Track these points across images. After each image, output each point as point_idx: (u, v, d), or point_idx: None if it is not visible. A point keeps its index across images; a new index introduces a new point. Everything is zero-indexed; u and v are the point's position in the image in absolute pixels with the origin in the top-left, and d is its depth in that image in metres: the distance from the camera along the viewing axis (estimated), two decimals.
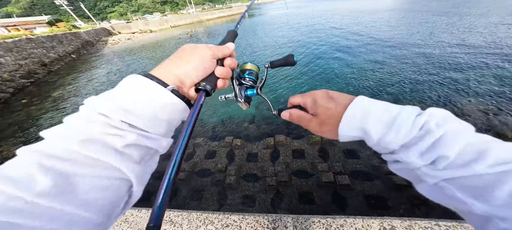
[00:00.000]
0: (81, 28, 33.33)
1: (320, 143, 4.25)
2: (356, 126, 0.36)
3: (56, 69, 15.91)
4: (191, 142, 4.86)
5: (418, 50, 9.15)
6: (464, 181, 0.27)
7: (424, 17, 16.41)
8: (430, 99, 5.53)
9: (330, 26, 17.97)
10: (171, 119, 0.38)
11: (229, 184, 3.61)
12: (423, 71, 7.17)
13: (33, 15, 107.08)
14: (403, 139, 0.32)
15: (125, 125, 0.31)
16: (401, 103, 3.15)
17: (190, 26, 44.96)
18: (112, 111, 0.30)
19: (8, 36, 15.09)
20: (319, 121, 0.42)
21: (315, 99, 0.44)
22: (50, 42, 18.59)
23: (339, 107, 0.39)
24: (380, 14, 20.94)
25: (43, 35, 18.86)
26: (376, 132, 0.34)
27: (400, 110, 0.34)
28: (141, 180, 0.34)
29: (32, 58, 14.59)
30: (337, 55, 9.96)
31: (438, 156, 0.29)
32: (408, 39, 11.00)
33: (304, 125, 0.46)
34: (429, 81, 6.44)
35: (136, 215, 1.61)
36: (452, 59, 7.81)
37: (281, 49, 13.03)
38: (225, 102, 6.91)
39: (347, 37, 13.15)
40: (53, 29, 25.75)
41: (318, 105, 0.43)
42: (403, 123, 0.32)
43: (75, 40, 23.75)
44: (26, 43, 15.25)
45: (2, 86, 10.21)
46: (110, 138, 0.30)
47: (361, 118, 0.36)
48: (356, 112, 0.37)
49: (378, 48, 10.14)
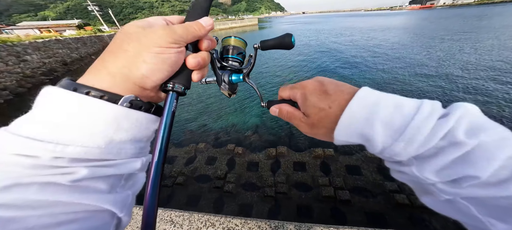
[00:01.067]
0: (105, 32, 35.73)
1: (323, 157, 4.17)
2: (356, 132, 0.28)
3: (75, 68, 16.92)
4: (193, 146, 4.89)
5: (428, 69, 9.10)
6: (490, 201, 0.22)
7: (431, 38, 16.50)
8: None
9: (338, 45, 18.32)
10: (136, 137, 0.29)
11: (227, 191, 3.55)
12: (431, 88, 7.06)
13: (66, 19, 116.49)
14: (416, 151, 0.25)
15: (64, 161, 0.23)
16: None
17: None
18: (39, 149, 0.22)
19: (39, 37, 16.44)
20: (311, 123, 0.34)
21: (305, 95, 0.35)
22: (75, 44, 19.98)
23: (334, 107, 0.31)
24: (391, 32, 21.25)
25: (70, 37, 20.36)
26: (382, 140, 0.27)
27: (416, 110, 0.25)
28: (122, 206, 0.28)
29: (56, 57, 15.68)
30: (347, 67, 10.05)
31: (464, 176, 0.22)
32: (416, 57, 11.01)
33: (294, 124, 0.38)
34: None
35: (137, 213, 1.62)
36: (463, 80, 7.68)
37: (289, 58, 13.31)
38: (229, 108, 7.01)
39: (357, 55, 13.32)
40: (80, 32, 27.79)
41: (309, 103, 0.34)
42: (419, 130, 0.24)
43: (98, 43, 25.39)
44: (54, 43, 16.50)
45: (22, 81, 10.94)
46: (50, 178, 0.22)
47: (363, 122, 0.28)
48: (358, 113, 0.28)
49: (389, 64, 10.16)
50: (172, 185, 3.80)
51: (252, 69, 0.47)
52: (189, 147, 4.91)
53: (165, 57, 0.29)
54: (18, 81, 10.77)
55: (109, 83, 0.27)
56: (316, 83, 0.35)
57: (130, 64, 0.28)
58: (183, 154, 4.68)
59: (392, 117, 0.26)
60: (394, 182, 3.55)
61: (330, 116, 0.31)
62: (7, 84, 9.99)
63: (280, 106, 0.40)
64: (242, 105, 7.34)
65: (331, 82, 0.35)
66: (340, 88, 0.33)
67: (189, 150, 4.77)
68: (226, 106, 7.39)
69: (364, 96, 0.29)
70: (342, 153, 4.33)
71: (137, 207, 1.68)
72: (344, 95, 0.31)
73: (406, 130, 0.25)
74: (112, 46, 0.29)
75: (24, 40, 14.08)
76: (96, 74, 0.27)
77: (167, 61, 0.30)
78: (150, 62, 0.28)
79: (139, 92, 0.29)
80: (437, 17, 45.01)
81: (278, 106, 0.41)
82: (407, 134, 0.25)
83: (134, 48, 0.28)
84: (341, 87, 0.33)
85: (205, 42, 0.35)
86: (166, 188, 3.76)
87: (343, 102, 0.30)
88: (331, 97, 0.32)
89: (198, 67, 0.34)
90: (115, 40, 0.29)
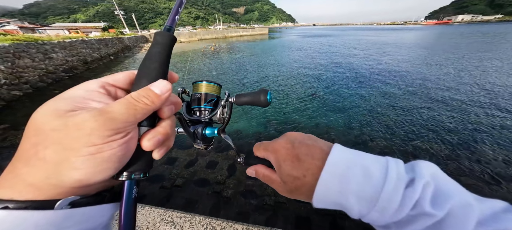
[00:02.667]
0: (126, 34, 38.14)
1: None
2: (333, 202, 0.29)
3: (94, 67, 17.96)
4: (195, 150, 4.89)
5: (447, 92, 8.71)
6: None
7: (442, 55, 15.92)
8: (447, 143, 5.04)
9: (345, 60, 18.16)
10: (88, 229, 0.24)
11: (226, 197, 3.47)
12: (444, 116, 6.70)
13: (94, 22, 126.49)
14: (391, 218, 0.26)
15: None
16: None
17: (215, 41, 48.82)
18: None
19: (68, 37, 17.88)
20: (288, 189, 0.33)
21: (278, 161, 0.34)
22: (98, 44, 21.41)
23: (308, 176, 0.30)
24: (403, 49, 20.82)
25: (95, 38, 21.93)
26: (358, 209, 0.27)
27: (384, 178, 0.26)
28: None
29: (78, 56, 16.78)
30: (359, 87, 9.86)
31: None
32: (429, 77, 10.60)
33: (273, 187, 0.37)
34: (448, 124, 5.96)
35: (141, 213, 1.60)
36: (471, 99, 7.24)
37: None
38: (234, 114, 7.03)
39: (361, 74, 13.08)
40: (104, 34, 29.91)
41: (283, 171, 0.33)
42: (390, 203, 0.25)
43: (118, 44, 27.07)
44: (80, 43, 17.79)
45: (44, 77, 11.69)
46: None
47: (338, 194, 0.28)
48: (331, 186, 0.28)
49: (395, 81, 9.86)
50: (171, 187, 3.77)
51: (227, 124, 0.41)
52: (191, 149, 4.92)
53: (106, 155, 0.22)
54: (40, 76, 11.54)
55: (34, 193, 0.20)
56: (288, 146, 0.35)
57: (55, 174, 0.20)
58: (184, 156, 4.67)
59: (363, 189, 0.27)
60: None
61: (306, 185, 0.31)
62: (29, 79, 10.72)
63: (256, 168, 0.39)
64: (247, 112, 7.35)
65: (302, 143, 0.34)
66: (311, 151, 0.32)
67: (191, 153, 4.77)
68: (233, 111, 7.42)
69: (334, 163, 0.29)
70: None
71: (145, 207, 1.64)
72: (315, 162, 0.31)
73: (378, 202, 0.26)
74: (22, 151, 0.21)
75: (54, 39, 15.27)
76: (12, 186, 0.20)
77: (112, 158, 0.22)
78: (83, 167, 0.21)
79: (81, 191, 0.23)
80: (453, 33, 43.90)
81: (254, 168, 0.39)
82: (380, 205, 0.26)
83: (54, 154, 0.20)
84: (312, 150, 0.32)
85: (166, 109, 0.27)
86: (164, 190, 3.74)
87: (316, 170, 0.30)
88: (304, 164, 0.32)
89: (158, 146, 0.27)
90: (25, 141, 0.21)
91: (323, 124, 6.18)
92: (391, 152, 4.72)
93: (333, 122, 6.28)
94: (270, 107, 7.61)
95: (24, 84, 10.24)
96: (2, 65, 9.62)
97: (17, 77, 10.11)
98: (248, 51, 26.31)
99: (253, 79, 12.00)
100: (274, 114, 7.07)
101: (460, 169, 4.12)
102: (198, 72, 14.82)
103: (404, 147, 4.91)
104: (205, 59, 20.39)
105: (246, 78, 12.34)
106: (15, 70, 10.26)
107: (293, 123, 6.30)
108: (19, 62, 10.76)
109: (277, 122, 6.42)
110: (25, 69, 10.90)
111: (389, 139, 5.19)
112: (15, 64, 10.40)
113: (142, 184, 3.88)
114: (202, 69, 15.92)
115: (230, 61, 18.76)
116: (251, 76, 12.87)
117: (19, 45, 11.26)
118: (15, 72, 10.19)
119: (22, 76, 10.43)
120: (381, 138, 5.27)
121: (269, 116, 6.90)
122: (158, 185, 3.83)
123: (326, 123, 6.25)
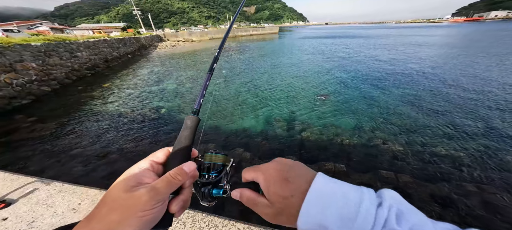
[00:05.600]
0: (142, 34, 40.04)
1: (333, 172, 3.87)
2: (315, 222, 0.32)
3: (113, 65, 19.06)
4: (203, 146, 5.00)
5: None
6: None
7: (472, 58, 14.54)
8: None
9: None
10: None
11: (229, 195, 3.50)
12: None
13: (114, 22, 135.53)
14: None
15: None
16: None
17: None
18: None
19: (91, 37, 19.23)
20: (275, 211, 0.36)
21: (268, 182, 0.37)
22: (118, 44, 22.77)
23: (295, 196, 0.34)
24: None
25: (115, 37, 23.30)
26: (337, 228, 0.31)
27: (359, 201, 0.31)
28: None
29: (100, 55, 17.96)
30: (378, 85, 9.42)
31: None
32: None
33: (257, 212, 0.39)
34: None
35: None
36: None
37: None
38: (243, 112, 7.06)
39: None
40: (123, 34, 31.66)
41: (272, 191, 0.36)
42: (366, 220, 0.29)
43: (135, 43, 28.53)
44: (102, 43, 19.03)
45: (70, 74, 12.66)
46: None
47: (320, 214, 0.31)
48: (315, 206, 0.32)
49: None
50: None
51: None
52: (198, 146, 5.03)
53: (150, 217, 0.31)
54: (66, 73, 12.51)
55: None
56: (278, 168, 0.38)
57: (115, 228, 0.29)
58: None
59: (343, 209, 0.30)
60: None
61: (293, 205, 0.34)
62: (57, 75, 11.66)
63: (241, 190, 0.41)
64: (255, 109, 7.35)
65: (291, 167, 0.38)
66: (299, 174, 0.36)
67: (200, 150, 4.88)
68: (240, 109, 7.47)
69: (318, 187, 0.33)
70: (355, 169, 3.98)
71: None
72: (302, 185, 0.34)
73: (356, 221, 0.29)
74: (97, 211, 0.30)
75: (80, 39, 16.47)
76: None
77: (152, 219, 0.31)
78: (134, 225, 0.29)
79: None
80: (488, 30, 39.31)
81: (239, 190, 0.41)
82: (357, 224, 0.29)
83: (119, 216, 0.29)
84: (299, 173, 0.36)
85: (188, 182, 0.37)
86: None
87: (303, 192, 0.33)
88: (292, 185, 0.35)
89: (181, 209, 0.36)
90: (102, 204, 0.31)
91: (333, 124, 5.99)
92: (405, 156, 4.44)
93: (344, 123, 6.06)
94: (278, 107, 7.54)
95: (52, 80, 11.16)
96: (34, 62, 10.58)
97: (47, 74, 11.05)
98: (257, 51, 26.29)
99: (262, 79, 11.97)
100: (281, 113, 6.99)
101: (486, 178, 3.76)
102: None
103: (422, 153, 4.60)
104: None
105: (255, 79, 12.32)
106: (45, 67, 11.22)
107: (300, 124, 6.18)
108: (49, 60, 11.74)
109: (285, 122, 6.35)
110: (54, 67, 11.88)
111: (406, 144, 4.90)
112: (45, 62, 11.37)
113: None
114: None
115: (239, 61, 18.87)
116: (260, 77, 12.84)
117: (50, 45, 12.29)
118: (45, 69, 11.15)
119: (51, 73, 11.38)
120: (396, 142, 4.98)
121: (276, 115, 6.84)
122: None
123: (336, 123, 6.05)
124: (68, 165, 4.52)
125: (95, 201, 2.23)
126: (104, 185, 3.85)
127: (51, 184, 2.51)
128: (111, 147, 5.26)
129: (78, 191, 2.39)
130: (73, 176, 4.12)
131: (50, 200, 2.27)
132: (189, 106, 7.96)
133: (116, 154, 4.92)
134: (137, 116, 7.28)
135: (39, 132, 6.19)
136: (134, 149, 5.14)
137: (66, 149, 5.19)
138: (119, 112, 7.67)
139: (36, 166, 4.51)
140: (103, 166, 4.48)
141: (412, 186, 3.56)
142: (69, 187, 2.46)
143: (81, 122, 6.90)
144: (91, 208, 2.06)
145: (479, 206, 3.19)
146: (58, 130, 6.30)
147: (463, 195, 3.38)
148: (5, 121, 6.93)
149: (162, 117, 7.13)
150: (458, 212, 3.12)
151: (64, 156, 4.87)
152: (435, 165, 4.15)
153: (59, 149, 5.20)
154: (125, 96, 9.72)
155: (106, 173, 4.25)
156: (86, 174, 4.22)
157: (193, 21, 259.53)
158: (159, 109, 7.85)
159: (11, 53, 9.49)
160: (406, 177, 3.75)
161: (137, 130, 6.15)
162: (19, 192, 2.36)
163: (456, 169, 4.04)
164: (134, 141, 5.50)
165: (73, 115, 7.55)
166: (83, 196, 2.32)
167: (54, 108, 8.22)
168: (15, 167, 4.47)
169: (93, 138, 5.76)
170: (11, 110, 7.98)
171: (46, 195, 2.33)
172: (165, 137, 5.72)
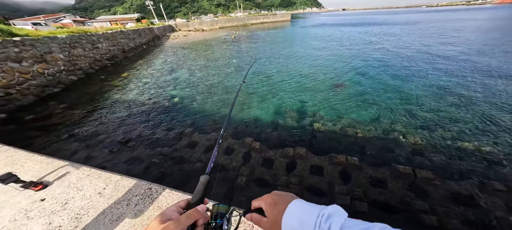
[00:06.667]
0: (155, 24, 40.58)
1: (345, 164, 3.78)
2: (290, 227, 0.47)
3: (130, 55, 19.84)
4: (212, 135, 5.14)
5: None
6: None
7: None
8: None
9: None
10: None
11: (239, 183, 3.61)
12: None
13: (129, 13, 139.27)
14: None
15: None
16: None
17: (235, 29, 48.11)
18: None
19: (109, 28, 20.00)
20: (271, 224, 0.52)
21: (266, 206, 0.54)
22: (133, 35, 23.42)
23: (280, 213, 0.50)
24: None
25: (130, 28, 23.96)
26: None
27: (317, 213, 0.44)
28: None
29: (118, 46, 18.71)
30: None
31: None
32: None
33: (261, 227, 0.54)
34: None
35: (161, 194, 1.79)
36: None
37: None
38: (255, 101, 7.03)
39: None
40: (138, 25, 32.38)
41: (268, 212, 0.53)
42: (318, 222, 0.43)
43: (149, 34, 29.14)
44: (119, 34, 19.75)
45: (93, 64, 13.45)
46: None
47: (291, 222, 0.47)
48: (290, 216, 0.48)
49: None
50: (189, 171, 4.08)
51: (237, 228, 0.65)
52: (211, 135, 5.18)
53: None
54: (90, 63, 13.32)
55: None
56: (273, 197, 0.56)
57: None
58: (204, 141, 4.96)
59: (303, 218, 0.45)
60: (425, 202, 3.01)
61: (279, 220, 0.49)
62: (82, 66, 12.48)
63: (251, 214, 0.57)
64: (265, 99, 7.28)
65: (280, 196, 0.55)
66: (284, 201, 0.52)
67: (210, 138, 5.03)
68: (251, 99, 7.46)
69: (291, 208, 0.49)
70: (369, 163, 3.83)
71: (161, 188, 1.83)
72: (284, 207, 0.50)
73: (315, 227, 0.42)
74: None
75: (99, 31, 17.22)
76: None
77: None
78: None
79: None
80: None
81: (250, 214, 0.58)
82: (308, 226, 0.43)
83: None
84: (284, 199, 0.53)
85: (200, 221, 0.52)
86: (181, 173, 4.06)
87: (283, 212, 0.50)
88: (278, 207, 0.51)
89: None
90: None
91: (348, 116, 5.75)
92: (427, 151, 4.16)
93: (360, 115, 5.78)
94: (289, 97, 7.38)
95: (78, 70, 11.98)
96: (61, 54, 11.37)
97: (73, 64, 11.87)
98: (268, 38, 25.44)
99: (273, 69, 11.67)
100: (293, 104, 6.85)
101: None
102: (221, 58, 15.07)
103: (446, 148, 4.27)
104: (225, 49, 20.52)
105: (265, 69, 12.05)
106: (71, 58, 12.01)
107: (312, 115, 6.02)
108: (74, 51, 12.52)
109: (296, 112, 6.23)
110: (78, 57, 12.68)
111: (429, 138, 4.58)
112: (71, 53, 12.15)
113: (165, 165, 4.32)
114: (225, 54, 16.12)
115: (249, 50, 18.44)
116: (271, 66, 12.53)
117: (73, 37, 13.02)
118: (71, 60, 11.95)
119: (77, 64, 12.19)
120: (417, 136, 4.67)
121: (288, 105, 6.72)
122: (178, 167, 4.19)
123: (351, 115, 5.80)
124: (95, 150, 4.96)
125: (117, 187, 2.41)
126: (124, 170, 4.19)
127: (80, 168, 2.77)
128: (131, 133, 5.64)
129: (103, 176, 2.60)
130: (99, 161, 4.53)
131: (79, 183, 2.50)
132: (200, 95, 8.13)
133: (136, 141, 5.27)
134: (153, 104, 7.64)
135: (69, 117, 6.82)
136: (151, 136, 5.45)
137: (93, 135, 5.67)
138: (137, 101, 8.10)
139: (68, 150, 5.01)
140: (125, 151, 4.85)
141: (431, 182, 3.36)
142: (95, 171, 2.70)
143: (104, 109, 7.43)
144: (114, 193, 2.27)
145: (505, 208, 2.93)
146: (86, 117, 6.87)
147: (489, 195, 3.12)
148: (42, 107, 7.71)
149: (175, 105, 7.40)
150: (481, 214, 2.91)
151: (91, 141, 5.34)
152: (460, 162, 3.84)
153: (87, 135, 5.70)
154: (141, 85, 10.17)
155: (127, 158, 4.59)
156: (111, 159, 4.60)
157: (203, 10, 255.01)
158: (173, 98, 8.13)
159: (41, 45, 10.24)
160: (426, 173, 3.53)
161: (152, 118, 6.49)
162: (54, 175, 2.64)
163: (484, 166, 3.71)
164: (151, 128, 5.83)
165: (97, 102, 8.14)
166: (107, 181, 2.52)
167: (81, 96, 8.91)
168: (49, 149, 5.02)
169: (115, 124, 6.20)
170: (45, 97, 8.81)
171: (76, 179, 2.58)
172: (179, 124, 5.96)
